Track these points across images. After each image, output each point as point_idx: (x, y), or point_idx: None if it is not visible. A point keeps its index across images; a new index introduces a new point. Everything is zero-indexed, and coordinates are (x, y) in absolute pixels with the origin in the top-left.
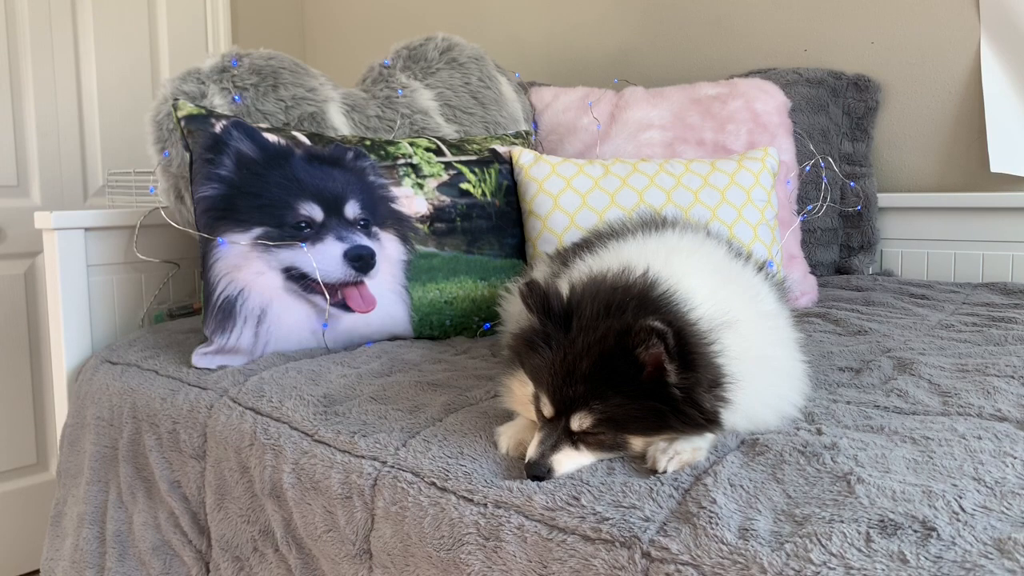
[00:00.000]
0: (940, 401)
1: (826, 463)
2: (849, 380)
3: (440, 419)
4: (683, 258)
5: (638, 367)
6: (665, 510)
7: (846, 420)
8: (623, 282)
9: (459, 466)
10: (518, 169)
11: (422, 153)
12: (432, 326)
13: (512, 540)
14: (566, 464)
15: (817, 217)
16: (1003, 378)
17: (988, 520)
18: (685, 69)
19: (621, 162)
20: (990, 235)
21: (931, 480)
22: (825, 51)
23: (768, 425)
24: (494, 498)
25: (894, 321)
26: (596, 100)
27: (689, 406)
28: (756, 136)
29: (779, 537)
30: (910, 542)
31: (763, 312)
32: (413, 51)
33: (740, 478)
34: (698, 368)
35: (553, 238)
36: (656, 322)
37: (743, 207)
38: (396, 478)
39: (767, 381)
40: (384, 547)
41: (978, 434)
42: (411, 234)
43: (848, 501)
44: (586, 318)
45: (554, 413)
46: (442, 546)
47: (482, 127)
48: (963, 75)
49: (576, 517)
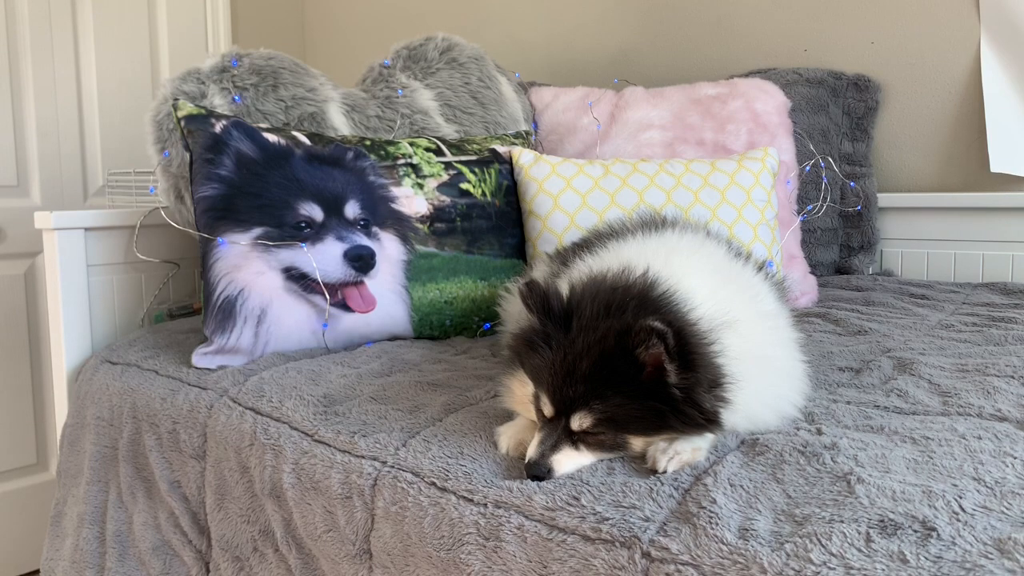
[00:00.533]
0: (940, 401)
1: (826, 463)
2: (849, 380)
3: (440, 419)
4: (683, 258)
5: (638, 367)
6: (665, 510)
7: (846, 420)
8: (623, 282)
9: (459, 466)
10: (518, 169)
11: (422, 153)
12: (432, 326)
13: (512, 540)
14: (566, 464)
15: (817, 217)
16: (1003, 378)
17: (988, 520)
18: (685, 69)
19: (621, 162)
20: (990, 235)
21: (931, 480)
22: (825, 51)
23: (768, 425)
24: (494, 498)
25: (894, 321)
26: (596, 100)
27: (689, 406)
28: (756, 136)
29: (779, 537)
30: (910, 542)
31: (763, 312)
32: (413, 51)
33: (740, 478)
34: (698, 368)
35: (553, 238)
36: (656, 322)
37: (743, 207)
38: (396, 478)
39: (767, 381)
40: (384, 547)
41: (978, 434)
42: (411, 234)
43: (848, 501)
44: (586, 318)
45: (554, 413)
46: (442, 546)
47: (482, 127)
48: (963, 75)
49: (576, 517)
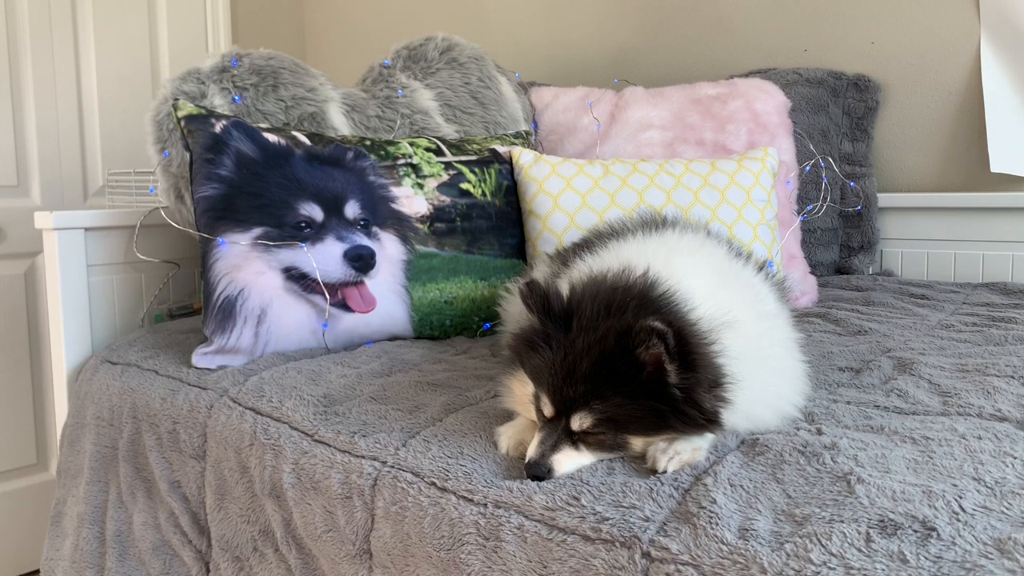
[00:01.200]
0: (940, 401)
1: (826, 463)
2: (849, 380)
3: (440, 419)
4: (683, 258)
5: (638, 367)
6: (665, 510)
7: (846, 420)
8: (623, 282)
9: (459, 466)
10: (518, 169)
11: (422, 153)
12: (432, 326)
13: (512, 540)
14: (566, 464)
15: (817, 217)
16: (1003, 378)
17: (988, 520)
18: (685, 69)
19: (621, 162)
20: (990, 235)
21: (931, 480)
22: (825, 51)
23: (768, 425)
24: (494, 498)
25: (894, 321)
26: (596, 100)
27: (689, 406)
28: (756, 136)
29: (779, 537)
30: (910, 542)
31: (763, 312)
32: (413, 51)
33: (740, 478)
34: (698, 368)
35: (553, 238)
36: (656, 322)
37: (743, 207)
38: (396, 478)
39: (767, 381)
40: (384, 547)
41: (978, 434)
42: (411, 234)
43: (848, 501)
44: (586, 318)
45: (554, 413)
46: (442, 546)
47: (482, 127)
48: (963, 75)
49: (576, 517)
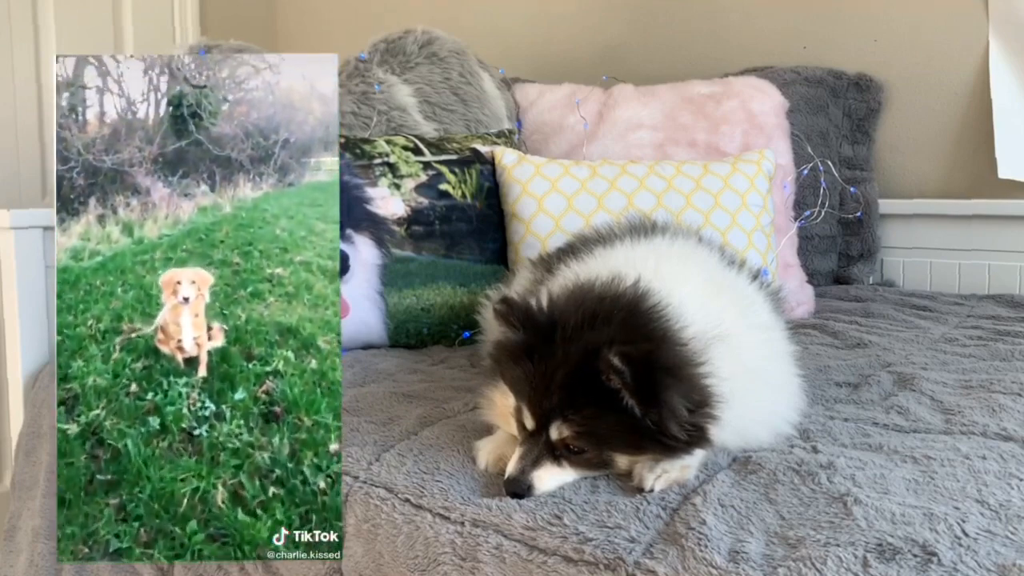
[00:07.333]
0: (942, 419)
1: (822, 483)
2: (847, 396)
3: (415, 432)
4: (673, 266)
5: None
6: (652, 531)
7: (843, 438)
8: (611, 292)
9: (435, 482)
10: (500, 170)
11: (399, 152)
12: (408, 334)
13: (490, 561)
14: (547, 481)
15: (815, 224)
16: (1009, 395)
17: (992, 545)
18: (677, 66)
19: (609, 163)
20: (997, 244)
21: (932, 502)
22: (825, 49)
23: (761, 442)
24: (472, 516)
25: (895, 334)
26: (583, 98)
27: (662, 435)
28: (751, 138)
29: (771, 561)
30: (909, 567)
31: (757, 324)
32: (391, 44)
33: (731, 498)
34: (662, 404)
35: (537, 242)
36: (616, 358)
37: (738, 212)
38: (368, 494)
39: (760, 396)
40: (355, 567)
41: (982, 454)
42: (387, 237)
43: (844, 523)
44: (570, 328)
45: (535, 426)
46: (416, 566)
47: (463, 125)
48: (970, 76)
49: (558, 537)
